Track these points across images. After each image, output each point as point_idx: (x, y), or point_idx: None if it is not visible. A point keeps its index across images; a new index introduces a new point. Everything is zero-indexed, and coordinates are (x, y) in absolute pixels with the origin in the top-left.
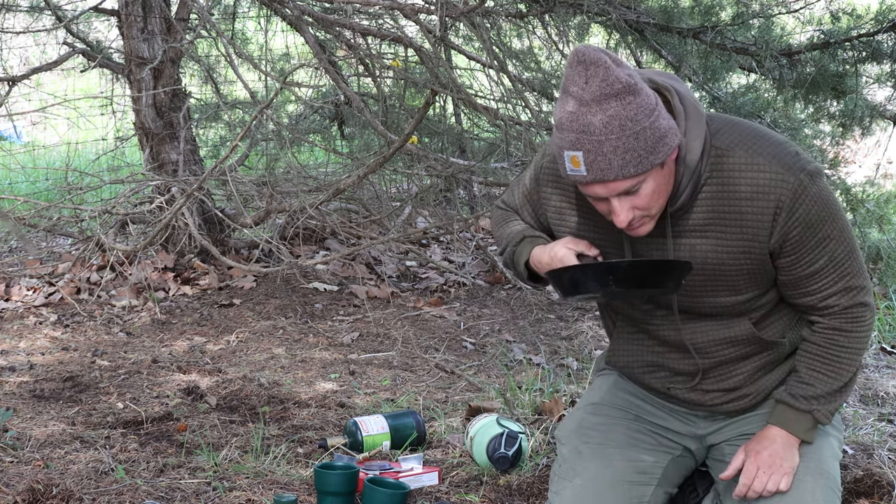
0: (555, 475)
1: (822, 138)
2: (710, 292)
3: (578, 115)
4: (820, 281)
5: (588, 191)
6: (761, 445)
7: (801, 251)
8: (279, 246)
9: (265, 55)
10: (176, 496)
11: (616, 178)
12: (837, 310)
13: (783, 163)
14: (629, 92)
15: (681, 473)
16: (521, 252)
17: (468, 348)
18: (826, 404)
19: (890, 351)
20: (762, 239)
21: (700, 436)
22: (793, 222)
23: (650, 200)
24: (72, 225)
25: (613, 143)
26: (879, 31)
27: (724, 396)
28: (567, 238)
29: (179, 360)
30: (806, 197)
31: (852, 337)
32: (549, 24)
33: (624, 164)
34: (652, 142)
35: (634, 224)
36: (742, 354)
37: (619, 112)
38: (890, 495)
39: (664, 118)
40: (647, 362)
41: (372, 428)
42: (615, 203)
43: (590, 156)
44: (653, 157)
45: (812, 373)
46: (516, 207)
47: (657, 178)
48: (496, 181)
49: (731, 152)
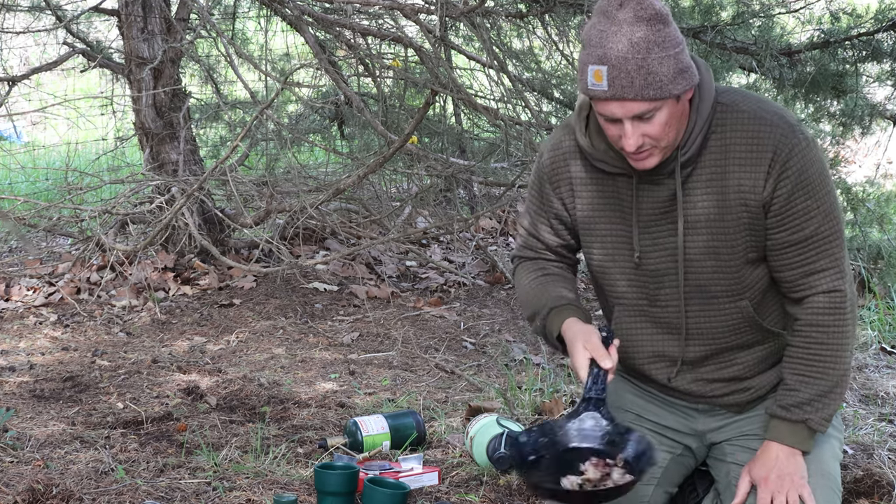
0: None
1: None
2: (713, 254)
3: (608, 32)
4: (803, 253)
5: (604, 108)
6: (766, 468)
7: (789, 212)
8: (279, 246)
9: (265, 55)
10: (176, 496)
11: (635, 98)
12: (815, 292)
13: (785, 120)
14: (660, 20)
15: (681, 473)
16: (551, 327)
17: (468, 348)
18: (818, 410)
19: (890, 351)
20: (758, 189)
21: (700, 432)
22: (785, 174)
23: (662, 130)
24: (72, 225)
25: (638, 62)
26: (879, 30)
27: (726, 387)
28: (587, 335)
29: (179, 360)
30: (802, 153)
31: (831, 333)
32: (549, 24)
33: (645, 85)
34: (675, 71)
35: (642, 153)
36: (743, 342)
37: (648, 35)
38: (890, 495)
39: (687, 55)
40: (649, 353)
41: (372, 428)
42: (627, 126)
43: (613, 71)
44: (672, 85)
45: (797, 377)
46: (532, 236)
47: (672, 109)
48: (496, 181)
49: (736, 106)
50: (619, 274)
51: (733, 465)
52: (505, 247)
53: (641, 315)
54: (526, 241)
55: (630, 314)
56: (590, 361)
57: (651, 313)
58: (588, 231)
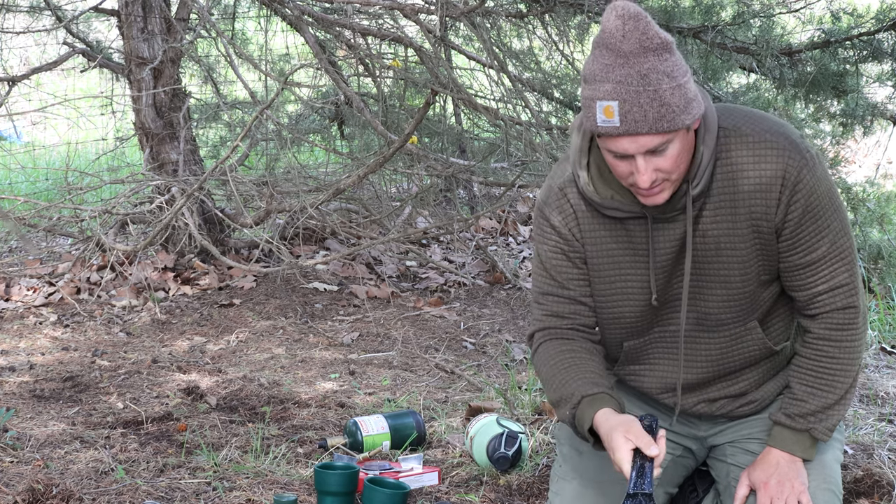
0: (555, 475)
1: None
2: (724, 283)
3: (615, 66)
4: (816, 273)
5: (615, 145)
6: (766, 473)
7: (801, 234)
8: (279, 246)
9: (265, 55)
10: (176, 496)
11: (649, 132)
12: (830, 309)
13: (790, 140)
14: (666, 49)
15: (681, 473)
16: (582, 418)
17: (468, 348)
18: (822, 420)
19: (890, 351)
20: (770, 215)
21: (701, 437)
22: (796, 197)
23: (674, 164)
24: (72, 225)
25: (651, 94)
26: (880, 29)
27: (731, 403)
28: (627, 424)
29: (179, 360)
30: (810, 173)
31: (843, 347)
32: (549, 24)
33: (659, 118)
34: (685, 101)
35: (655, 187)
36: (749, 361)
37: (657, 66)
38: (890, 495)
39: (693, 84)
40: (655, 384)
41: (372, 428)
42: (640, 162)
43: (625, 106)
44: (685, 115)
45: (805, 388)
46: (558, 296)
47: (683, 140)
48: (496, 181)
49: (739, 130)
50: (629, 314)
51: (733, 466)
52: (505, 247)
53: (647, 347)
54: (549, 307)
55: (636, 347)
56: (633, 452)
57: (657, 345)
58: (599, 278)
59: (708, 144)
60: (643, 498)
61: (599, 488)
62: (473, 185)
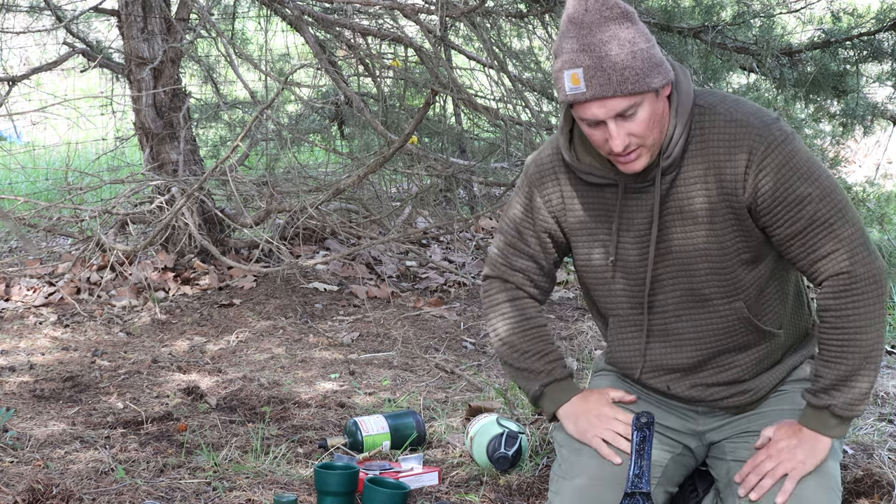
0: (555, 475)
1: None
2: (704, 257)
3: (578, 36)
4: (806, 242)
5: (585, 112)
6: (783, 435)
7: (778, 209)
8: (279, 246)
9: (265, 55)
10: (176, 496)
11: (615, 94)
12: (823, 278)
13: (760, 119)
14: (627, 18)
15: (681, 472)
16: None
17: (468, 348)
18: (840, 395)
19: (890, 351)
20: (738, 191)
21: (700, 432)
22: (763, 174)
23: (645, 127)
24: (72, 225)
25: (612, 59)
26: (880, 29)
27: (725, 391)
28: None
29: (179, 360)
30: (777, 150)
31: (843, 316)
32: (549, 24)
33: (622, 80)
34: (649, 64)
35: (630, 153)
36: (739, 344)
37: (618, 33)
38: (890, 495)
39: (658, 51)
40: (646, 362)
41: (372, 428)
42: (612, 126)
43: (589, 72)
44: (649, 78)
45: (821, 362)
46: (516, 250)
47: (652, 105)
48: (496, 181)
49: (713, 109)
50: (610, 283)
51: (733, 462)
52: None
53: (636, 325)
54: (505, 258)
55: (624, 324)
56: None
57: (645, 322)
58: (578, 243)
59: (681, 117)
60: (641, 497)
61: (599, 488)
62: (473, 185)
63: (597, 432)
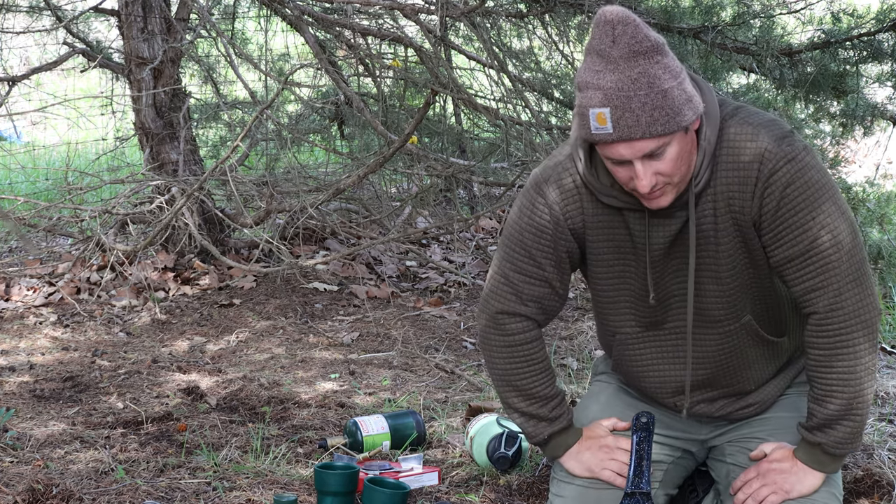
0: (555, 477)
1: (822, 138)
2: (714, 278)
3: (606, 72)
4: (801, 269)
5: (611, 151)
6: (775, 459)
7: (779, 228)
8: (279, 246)
9: (265, 55)
10: (176, 496)
11: (643, 137)
12: (811, 311)
13: (772, 133)
14: (657, 51)
15: (681, 474)
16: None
17: (468, 348)
18: (829, 434)
19: (890, 351)
20: (746, 207)
21: (702, 440)
22: (770, 189)
23: (673, 167)
24: (72, 225)
25: (642, 99)
26: (880, 30)
27: (731, 405)
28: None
29: (179, 360)
30: (788, 165)
31: (831, 356)
32: (549, 24)
33: (652, 121)
34: (679, 102)
35: (656, 191)
36: (746, 358)
37: (648, 70)
38: (890, 495)
39: (689, 83)
40: (653, 381)
41: (372, 428)
42: (639, 166)
43: (617, 112)
44: (679, 117)
45: (811, 400)
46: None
47: (681, 143)
48: (496, 181)
49: (727, 123)
50: (626, 307)
51: (733, 465)
52: None
53: (645, 343)
54: (514, 288)
55: (633, 343)
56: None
57: (654, 341)
58: (598, 266)
59: (710, 140)
60: (641, 497)
61: (599, 490)
62: (473, 185)
63: (604, 465)
